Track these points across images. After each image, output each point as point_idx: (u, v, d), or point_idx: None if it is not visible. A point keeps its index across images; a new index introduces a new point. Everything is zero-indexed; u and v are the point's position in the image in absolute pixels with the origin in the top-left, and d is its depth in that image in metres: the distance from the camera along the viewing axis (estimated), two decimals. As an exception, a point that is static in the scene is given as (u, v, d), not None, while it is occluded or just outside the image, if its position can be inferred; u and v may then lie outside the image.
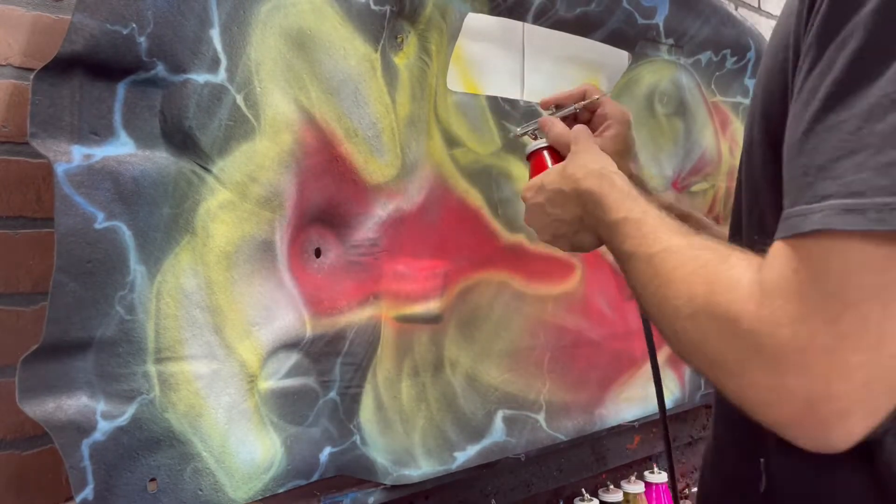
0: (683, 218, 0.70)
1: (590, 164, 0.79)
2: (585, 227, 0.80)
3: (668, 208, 0.79)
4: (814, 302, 0.47)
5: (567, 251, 0.87)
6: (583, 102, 0.95)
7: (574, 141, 0.86)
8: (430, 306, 1.06)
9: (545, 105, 0.98)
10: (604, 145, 0.86)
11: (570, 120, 0.95)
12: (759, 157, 0.65)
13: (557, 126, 0.91)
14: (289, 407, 0.90)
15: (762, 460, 0.65)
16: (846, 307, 0.46)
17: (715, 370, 0.54)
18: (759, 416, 0.52)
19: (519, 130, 1.01)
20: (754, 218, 0.66)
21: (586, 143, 0.84)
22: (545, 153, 0.92)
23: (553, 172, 0.83)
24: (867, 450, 0.55)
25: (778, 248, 0.50)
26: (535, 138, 0.96)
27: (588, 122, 0.94)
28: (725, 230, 0.77)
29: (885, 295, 0.45)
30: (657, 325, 0.61)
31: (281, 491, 0.88)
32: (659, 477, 1.40)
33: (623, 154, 0.89)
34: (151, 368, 0.78)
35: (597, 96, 0.95)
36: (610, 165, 0.78)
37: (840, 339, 0.46)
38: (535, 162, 0.93)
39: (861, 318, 0.46)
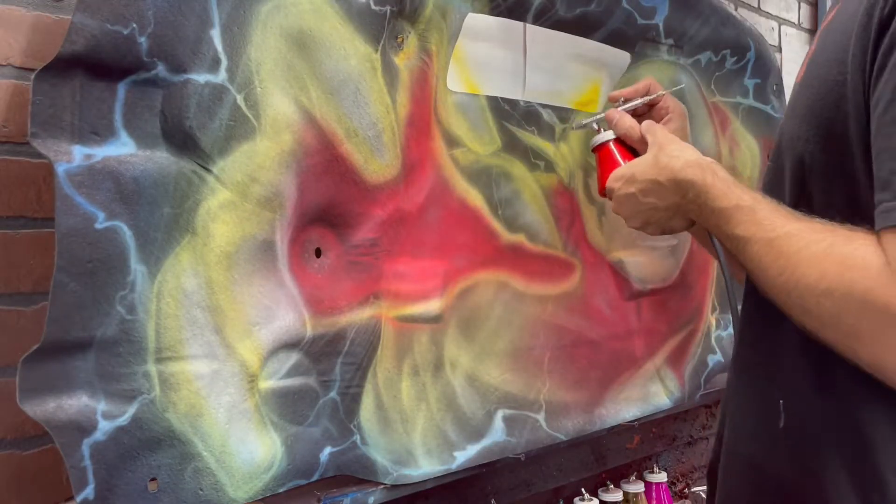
0: None
1: (684, 155, 0.84)
2: (681, 213, 0.86)
3: None
4: None
5: (656, 235, 0.93)
6: (649, 97, 1.01)
7: (650, 133, 0.91)
8: (430, 306, 1.06)
9: (614, 98, 1.03)
10: None
11: (632, 113, 1.00)
12: (809, 151, 0.73)
13: (627, 119, 0.97)
14: (289, 406, 0.90)
15: (781, 402, 0.75)
16: None
17: (850, 340, 0.62)
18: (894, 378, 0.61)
19: (583, 122, 1.04)
20: (803, 200, 0.74)
21: (665, 135, 0.90)
22: (612, 145, 0.98)
23: (643, 164, 0.88)
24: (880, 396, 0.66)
25: (893, 235, 0.59)
26: (598, 131, 1.00)
27: (647, 116, 1.00)
28: None
29: None
30: (782, 301, 0.68)
31: (281, 490, 0.89)
32: (659, 477, 1.40)
33: None
34: (152, 368, 0.78)
35: (661, 91, 1.01)
36: (702, 157, 0.84)
37: None
38: (603, 153, 0.99)
39: None
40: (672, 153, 0.84)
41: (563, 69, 1.23)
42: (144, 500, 0.77)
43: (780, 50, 2.07)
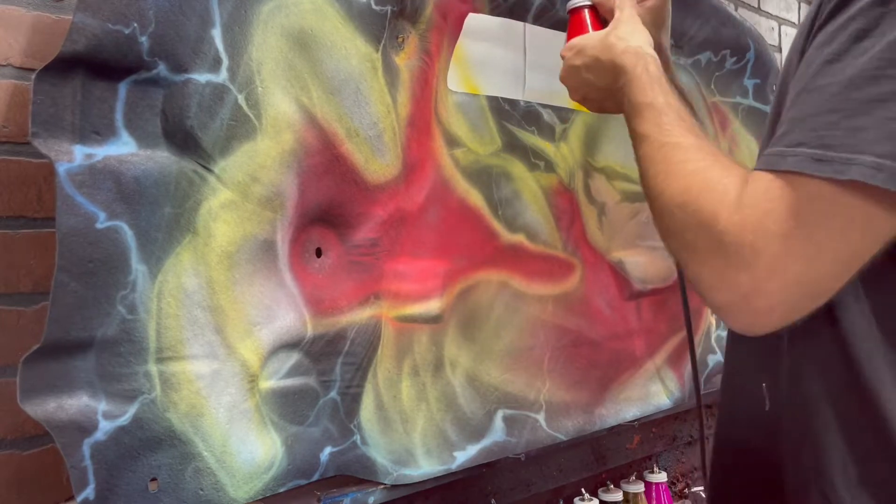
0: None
1: (630, 39, 0.84)
2: (613, 97, 0.86)
3: (683, 99, 0.86)
4: (776, 219, 0.59)
5: (594, 111, 0.94)
6: None
7: (619, 7, 0.90)
8: (430, 306, 1.06)
9: None
10: (643, 15, 0.91)
11: None
12: None
13: None
14: (289, 406, 0.90)
15: (764, 385, 0.78)
16: (799, 227, 0.58)
17: (685, 252, 0.66)
18: (706, 296, 0.65)
19: None
20: None
21: (630, 13, 0.89)
22: (586, 12, 0.94)
23: (594, 38, 0.88)
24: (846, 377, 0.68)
25: (758, 176, 0.62)
26: None
27: None
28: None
29: (829, 224, 0.58)
30: (650, 203, 0.72)
31: (281, 490, 0.88)
32: (659, 477, 1.40)
33: (659, 27, 0.93)
34: (153, 368, 0.78)
35: None
36: (647, 46, 0.84)
37: (787, 250, 0.58)
38: (575, 18, 0.95)
39: (808, 236, 0.58)
40: (620, 35, 0.84)
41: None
42: (145, 500, 0.77)
43: (780, 50, 2.07)
